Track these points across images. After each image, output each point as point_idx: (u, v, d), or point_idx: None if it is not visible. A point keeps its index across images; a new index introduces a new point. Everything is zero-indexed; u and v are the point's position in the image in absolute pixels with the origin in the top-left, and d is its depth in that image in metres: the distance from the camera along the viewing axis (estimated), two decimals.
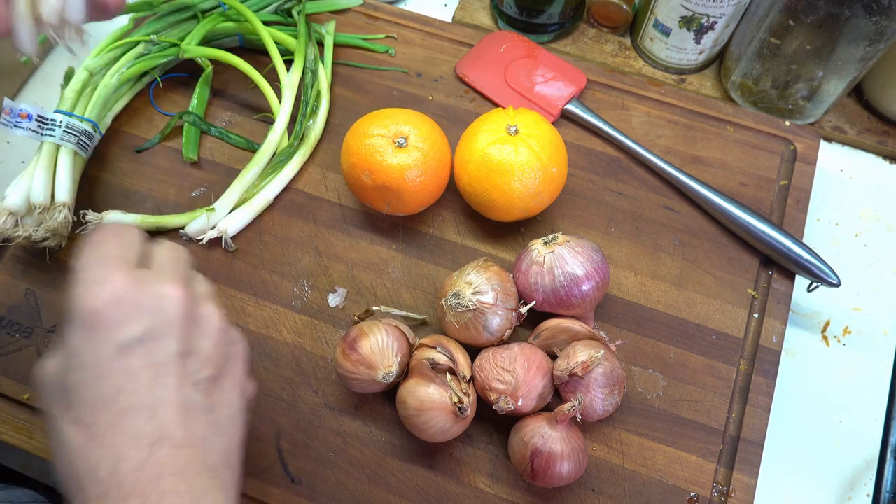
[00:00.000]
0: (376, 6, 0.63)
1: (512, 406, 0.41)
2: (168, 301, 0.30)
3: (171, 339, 0.30)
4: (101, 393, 0.28)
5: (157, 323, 0.30)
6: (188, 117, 0.56)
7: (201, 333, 0.32)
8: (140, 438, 0.28)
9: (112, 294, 0.29)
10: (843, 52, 0.51)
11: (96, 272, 0.30)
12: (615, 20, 0.64)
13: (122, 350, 0.29)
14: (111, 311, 0.29)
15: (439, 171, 0.49)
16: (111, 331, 0.29)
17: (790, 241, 0.50)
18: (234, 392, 0.33)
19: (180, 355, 0.30)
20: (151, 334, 0.29)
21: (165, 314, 0.30)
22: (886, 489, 0.43)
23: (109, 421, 0.28)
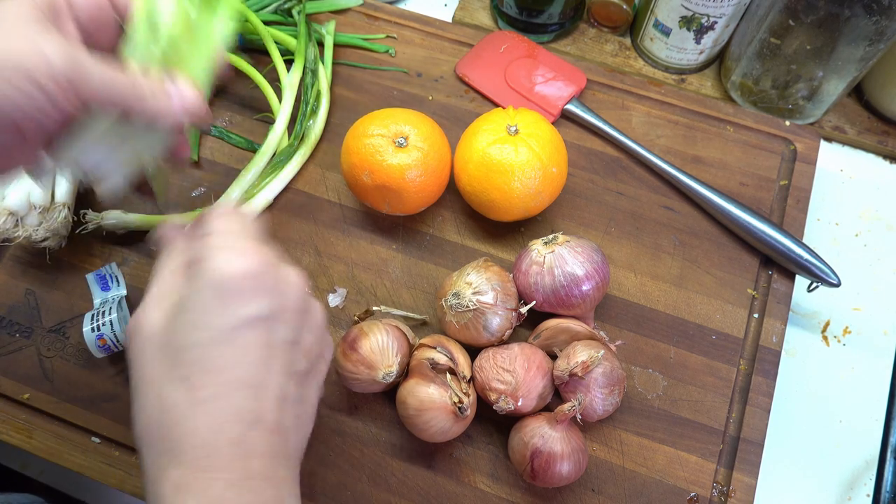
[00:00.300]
0: (376, 6, 0.63)
1: (512, 406, 0.41)
2: (291, 288, 0.31)
3: (285, 325, 0.30)
4: (216, 359, 0.28)
5: (278, 306, 0.30)
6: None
7: (309, 326, 0.32)
8: (242, 415, 0.28)
9: (250, 267, 0.29)
10: (843, 52, 0.51)
11: (239, 243, 0.30)
12: (615, 20, 0.64)
13: (245, 323, 0.29)
14: (246, 283, 0.29)
15: (439, 171, 0.49)
16: (241, 302, 0.29)
17: (790, 241, 0.50)
18: (316, 392, 0.34)
19: (290, 343, 0.31)
20: (272, 315, 0.30)
21: (286, 301, 0.31)
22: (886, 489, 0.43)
23: (217, 390, 0.28)
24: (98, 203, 0.54)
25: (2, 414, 0.48)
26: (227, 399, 0.28)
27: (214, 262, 0.29)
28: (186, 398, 0.28)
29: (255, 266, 0.30)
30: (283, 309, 0.30)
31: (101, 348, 0.46)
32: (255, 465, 0.28)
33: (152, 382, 0.29)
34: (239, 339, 0.29)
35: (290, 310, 0.31)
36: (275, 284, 0.30)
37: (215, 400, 0.28)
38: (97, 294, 0.49)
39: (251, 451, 0.28)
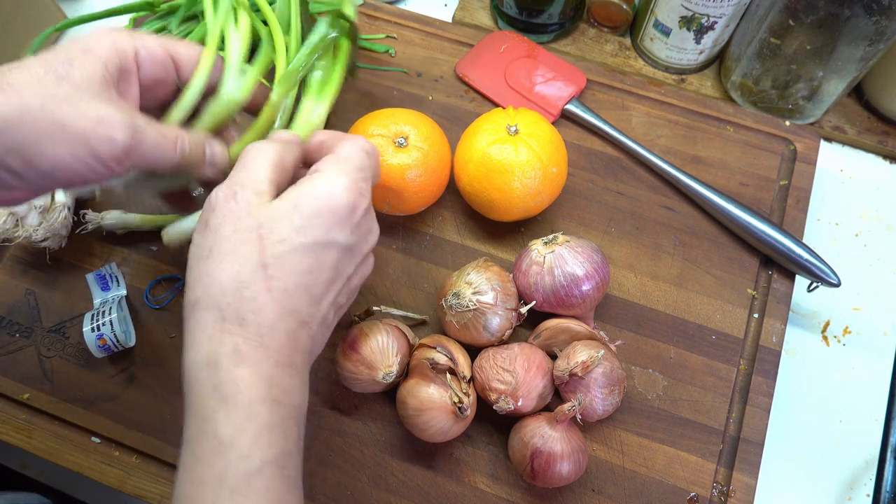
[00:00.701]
0: (376, 6, 0.63)
1: (512, 406, 0.41)
2: (371, 237, 0.36)
3: (352, 265, 0.35)
4: (298, 262, 0.32)
5: (357, 247, 0.35)
6: None
7: (362, 272, 0.37)
8: (300, 315, 0.32)
9: (358, 206, 0.34)
10: (843, 52, 0.51)
11: (360, 180, 0.34)
12: (615, 20, 0.64)
13: (334, 246, 0.33)
14: (347, 215, 0.33)
15: (439, 171, 0.49)
16: (337, 226, 0.33)
17: (790, 241, 0.50)
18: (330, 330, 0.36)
19: (347, 277, 0.35)
20: (351, 250, 0.34)
21: (363, 246, 0.35)
22: (886, 489, 0.43)
23: (287, 288, 0.31)
24: (98, 203, 0.54)
25: (2, 414, 0.48)
26: (295, 298, 0.32)
27: (334, 182, 0.33)
28: (264, 283, 0.31)
29: (361, 209, 0.34)
30: (358, 249, 0.35)
31: (101, 348, 0.46)
32: (296, 358, 0.32)
33: (234, 254, 0.31)
34: (322, 255, 0.32)
35: (361, 252, 0.35)
36: (364, 227, 0.35)
37: (286, 295, 0.31)
38: (97, 294, 0.49)
39: (297, 346, 0.32)
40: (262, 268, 0.31)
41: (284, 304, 0.31)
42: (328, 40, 0.44)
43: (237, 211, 0.32)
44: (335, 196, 0.33)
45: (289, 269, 0.32)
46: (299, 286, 0.32)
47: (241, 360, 0.30)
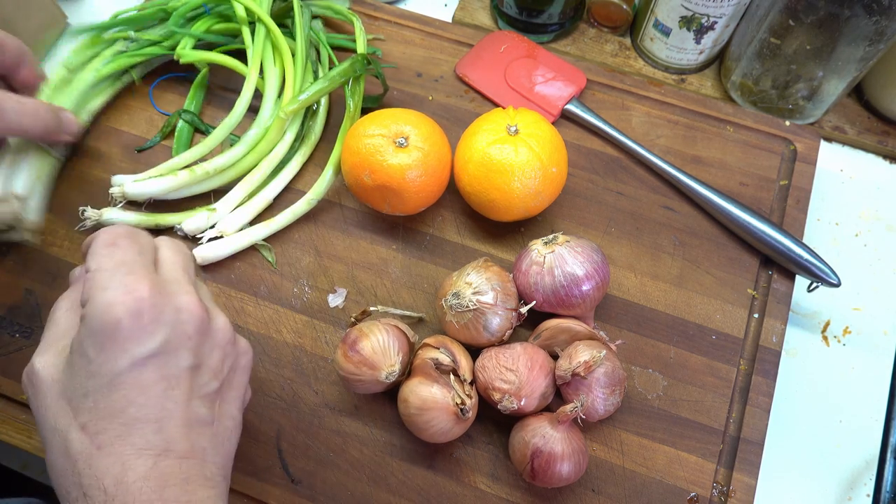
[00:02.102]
0: (376, 6, 0.63)
1: (515, 405, 0.41)
2: (186, 315, 0.31)
3: (185, 352, 0.30)
4: (111, 403, 0.28)
5: (174, 336, 0.30)
6: (186, 116, 0.56)
7: (211, 346, 0.32)
8: (147, 450, 0.29)
9: (135, 305, 0.29)
10: (843, 52, 0.51)
11: (120, 279, 0.29)
12: (615, 20, 0.64)
13: (137, 363, 0.29)
14: (132, 324, 0.29)
15: (439, 171, 0.49)
16: (130, 343, 0.29)
17: (790, 241, 0.50)
18: (236, 404, 0.34)
19: (191, 369, 0.31)
20: (167, 348, 0.30)
21: (183, 328, 0.30)
22: (886, 489, 0.43)
23: (118, 431, 0.28)
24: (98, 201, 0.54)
25: (2, 414, 0.48)
26: (129, 438, 0.28)
27: (97, 304, 0.29)
28: (89, 444, 0.28)
29: (141, 303, 0.29)
30: (179, 338, 0.30)
31: None
32: (170, 494, 0.29)
33: (56, 431, 0.29)
34: (133, 379, 0.29)
35: (188, 336, 0.31)
36: (165, 315, 0.30)
37: (118, 441, 0.28)
38: None
39: (164, 482, 0.29)
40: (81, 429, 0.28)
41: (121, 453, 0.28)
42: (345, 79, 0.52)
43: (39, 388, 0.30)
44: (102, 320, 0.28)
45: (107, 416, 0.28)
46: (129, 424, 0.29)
47: None
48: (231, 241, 0.50)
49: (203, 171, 0.51)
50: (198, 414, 0.31)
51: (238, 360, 0.34)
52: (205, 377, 0.31)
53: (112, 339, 0.28)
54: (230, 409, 0.33)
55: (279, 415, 0.47)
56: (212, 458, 0.31)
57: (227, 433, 0.33)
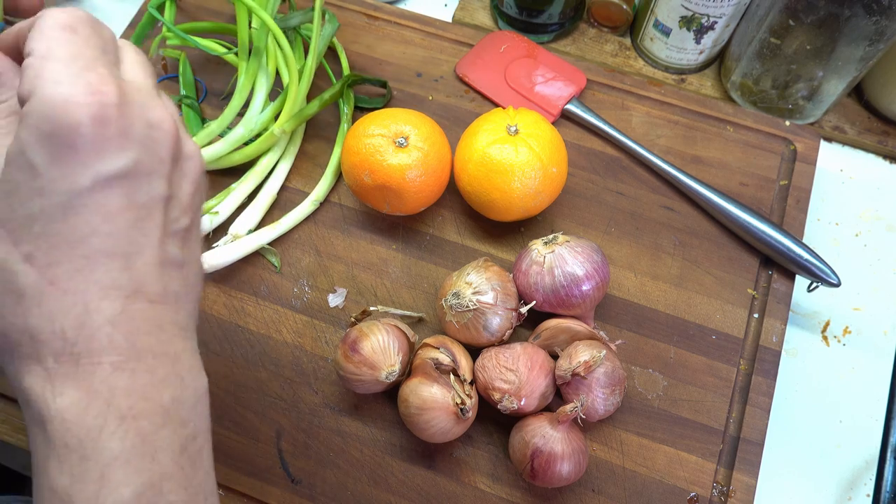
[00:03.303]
0: (376, 6, 0.63)
1: (516, 405, 0.41)
2: (160, 133, 0.25)
3: (158, 179, 0.25)
4: (68, 230, 0.23)
5: (146, 157, 0.24)
6: (187, 101, 0.56)
7: (182, 175, 0.27)
8: (113, 289, 0.24)
9: (101, 111, 0.23)
10: (843, 52, 0.51)
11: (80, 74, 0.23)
12: (615, 20, 0.64)
13: (102, 182, 0.23)
14: (96, 132, 0.23)
15: (439, 171, 0.49)
16: (93, 156, 0.23)
17: (790, 241, 0.50)
18: (199, 246, 0.29)
19: (165, 200, 0.25)
20: (139, 169, 0.24)
21: (156, 149, 0.25)
22: (886, 489, 0.43)
23: (77, 264, 0.23)
24: None
25: (2, 414, 0.48)
26: (91, 274, 0.23)
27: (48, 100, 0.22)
28: (37, 279, 0.23)
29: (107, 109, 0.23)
30: (152, 160, 0.25)
31: None
32: (143, 342, 0.24)
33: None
34: (97, 203, 0.23)
35: (161, 160, 0.25)
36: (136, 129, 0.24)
37: (78, 277, 0.23)
38: None
39: (136, 328, 0.24)
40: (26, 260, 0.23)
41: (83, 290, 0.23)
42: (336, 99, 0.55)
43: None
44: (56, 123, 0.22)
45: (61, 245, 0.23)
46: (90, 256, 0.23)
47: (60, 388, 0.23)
48: (239, 246, 0.50)
49: None
50: (170, 253, 0.26)
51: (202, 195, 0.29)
52: (176, 211, 0.26)
53: (70, 147, 0.22)
54: (197, 252, 0.28)
55: (279, 415, 0.47)
56: (184, 306, 0.27)
57: (195, 278, 0.28)
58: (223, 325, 0.50)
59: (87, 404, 0.23)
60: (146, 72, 0.27)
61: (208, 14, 0.62)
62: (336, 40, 0.60)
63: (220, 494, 0.45)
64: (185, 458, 0.25)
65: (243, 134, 0.52)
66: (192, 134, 0.55)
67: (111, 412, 0.23)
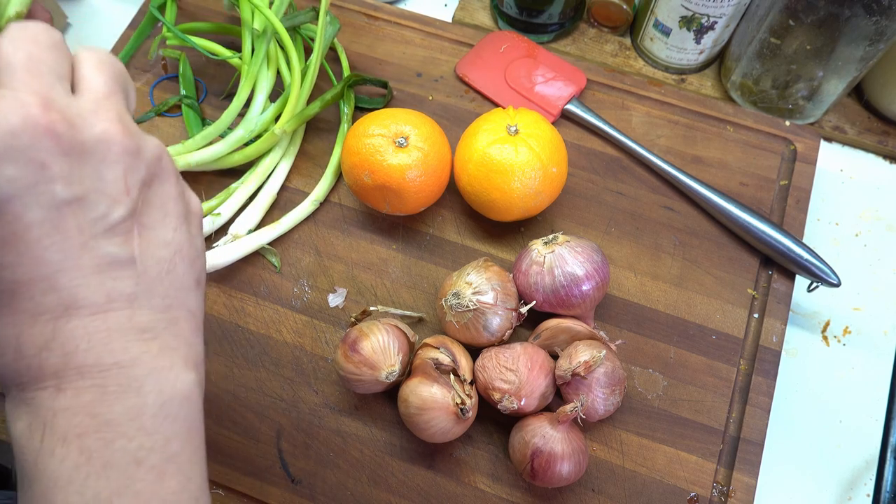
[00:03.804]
0: (376, 6, 0.63)
1: (516, 405, 0.41)
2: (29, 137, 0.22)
3: (48, 184, 0.22)
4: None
5: (24, 168, 0.22)
6: (187, 101, 0.56)
7: (96, 164, 0.24)
8: (40, 314, 0.23)
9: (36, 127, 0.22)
10: (843, 52, 0.51)
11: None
12: (615, 20, 0.64)
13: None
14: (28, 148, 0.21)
15: (439, 171, 0.49)
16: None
17: (790, 241, 0.50)
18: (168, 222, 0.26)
19: (71, 203, 0.23)
20: (20, 184, 0.22)
21: (31, 154, 0.22)
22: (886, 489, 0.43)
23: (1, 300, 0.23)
24: None
25: (2, 414, 0.48)
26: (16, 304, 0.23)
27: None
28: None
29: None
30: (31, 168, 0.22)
31: None
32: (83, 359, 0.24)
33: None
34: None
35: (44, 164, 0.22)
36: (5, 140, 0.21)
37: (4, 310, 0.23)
38: None
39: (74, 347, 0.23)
40: None
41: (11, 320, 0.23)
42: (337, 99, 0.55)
43: None
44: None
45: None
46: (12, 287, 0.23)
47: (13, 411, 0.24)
48: (239, 246, 0.50)
49: (185, 163, 0.50)
50: (107, 254, 0.24)
51: (152, 169, 0.26)
52: (100, 207, 0.24)
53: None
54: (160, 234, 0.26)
55: (279, 415, 0.47)
56: (145, 303, 0.25)
57: (164, 264, 0.26)
58: (223, 325, 0.50)
59: (33, 429, 0.23)
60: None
61: (209, 14, 0.62)
62: (336, 40, 0.60)
63: (221, 494, 0.45)
64: (145, 469, 0.24)
65: (243, 135, 0.52)
66: (191, 134, 0.55)
67: (53, 435, 0.23)
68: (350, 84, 0.56)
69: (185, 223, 0.27)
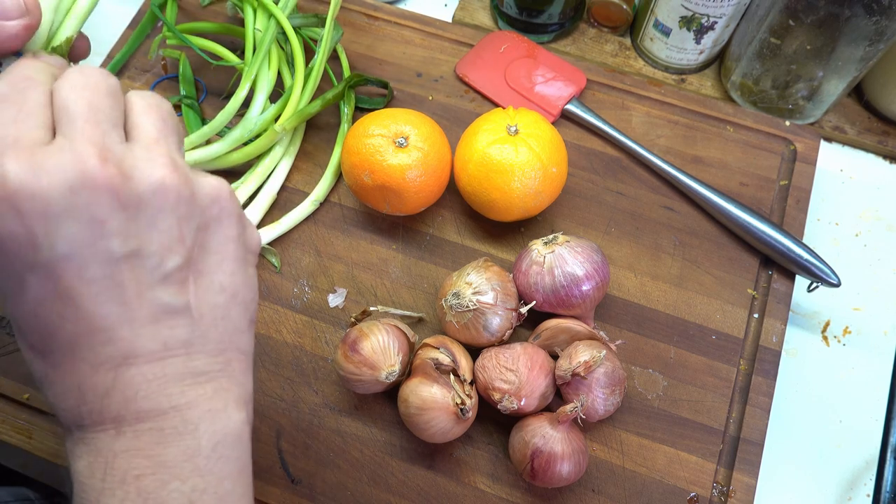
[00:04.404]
0: (376, 6, 0.63)
1: (515, 405, 0.41)
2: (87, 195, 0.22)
3: (105, 240, 0.23)
4: (43, 322, 0.23)
5: (83, 226, 0.22)
6: (187, 101, 0.56)
7: (151, 216, 0.24)
8: (101, 364, 0.24)
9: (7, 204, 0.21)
10: (843, 52, 0.51)
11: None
12: (615, 20, 0.64)
13: (44, 269, 0.22)
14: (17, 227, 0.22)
15: (439, 171, 0.49)
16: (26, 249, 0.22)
17: (790, 241, 0.50)
18: (225, 267, 0.27)
19: (127, 258, 0.23)
20: (79, 242, 0.22)
21: (90, 211, 0.22)
22: (886, 489, 0.43)
23: (64, 350, 0.24)
24: None
25: (2, 414, 0.48)
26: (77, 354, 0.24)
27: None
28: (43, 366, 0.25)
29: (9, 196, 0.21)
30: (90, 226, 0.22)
31: None
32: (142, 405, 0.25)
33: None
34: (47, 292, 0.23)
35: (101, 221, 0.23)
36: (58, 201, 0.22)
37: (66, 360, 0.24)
38: None
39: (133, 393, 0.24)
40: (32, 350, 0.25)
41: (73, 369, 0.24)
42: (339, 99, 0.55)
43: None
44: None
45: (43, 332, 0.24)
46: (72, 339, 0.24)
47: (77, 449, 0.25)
48: None
49: None
50: (162, 304, 0.24)
51: (208, 213, 0.26)
52: (154, 258, 0.24)
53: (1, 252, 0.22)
54: (216, 279, 0.26)
55: (279, 415, 0.47)
56: (200, 348, 0.26)
57: (219, 310, 0.26)
58: None
59: (94, 468, 0.24)
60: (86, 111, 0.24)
61: (209, 14, 0.62)
62: None
63: None
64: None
65: (241, 135, 0.51)
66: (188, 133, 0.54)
67: (114, 474, 0.24)
68: (352, 85, 0.56)
69: (242, 265, 0.28)
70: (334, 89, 0.54)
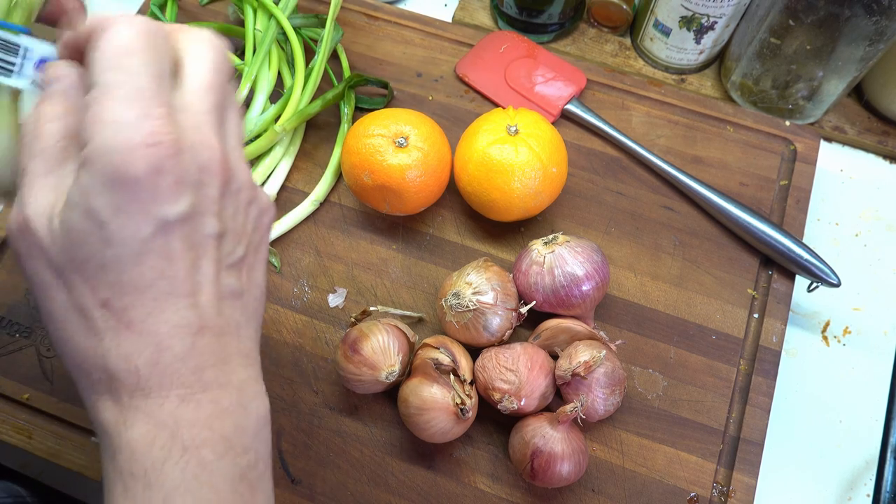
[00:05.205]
0: (376, 6, 0.63)
1: (515, 405, 0.41)
2: (210, 176, 0.26)
3: (210, 218, 0.26)
4: (138, 276, 0.25)
5: (199, 200, 0.25)
6: None
7: (235, 208, 0.28)
8: (181, 327, 0.25)
9: (158, 161, 0.24)
10: (843, 52, 0.51)
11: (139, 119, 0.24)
12: (615, 20, 0.64)
13: (163, 228, 0.24)
14: (153, 182, 0.24)
15: (439, 171, 0.49)
16: (152, 205, 0.24)
17: (790, 241, 0.50)
18: (261, 268, 0.30)
19: (217, 237, 0.27)
20: (193, 212, 0.25)
21: (207, 192, 0.26)
22: (886, 489, 0.43)
23: (148, 308, 0.25)
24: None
25: (2, 414, 0.48)
26: (161, 315, 0.25)
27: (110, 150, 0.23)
28: (115, 323, 0.25)
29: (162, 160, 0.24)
30: (203, 201, 0.26)
31: None
32: (210, 375, 0.26)
33: (70, 308, 0.25)
34: (160, 248, 0.25)
35: (211, 199, 0.26)
36: (189, 175, 0.25)
37: (150, 319, 0.25)
38: None
39: (203, 362, 0.26)
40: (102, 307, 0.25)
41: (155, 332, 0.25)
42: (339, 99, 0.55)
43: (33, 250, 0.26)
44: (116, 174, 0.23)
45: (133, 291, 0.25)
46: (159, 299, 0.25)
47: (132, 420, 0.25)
48: None
49: None
50: (228, 285, 0.27)
51: (261, 219, 0.30)
52: (230, 244, 0.27)
53: (132, 198, 0.24)
54: (257, 277, 0.29)
55: (279, 415, 0.47)
56: (246, 333, 0.28)
57: (256, 303, 0.29)
58: None
59: (154, 436, 0.25)
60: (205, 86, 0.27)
61: (209, 14, 0.62)
62: None
63: None
64: (245, 484, 0.26)
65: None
66: None
67: (175, 443, 0.25)
68: (351, 84, 0.56)
69: (266, 268, 0.31)
70: (334, 89, 0.54)
